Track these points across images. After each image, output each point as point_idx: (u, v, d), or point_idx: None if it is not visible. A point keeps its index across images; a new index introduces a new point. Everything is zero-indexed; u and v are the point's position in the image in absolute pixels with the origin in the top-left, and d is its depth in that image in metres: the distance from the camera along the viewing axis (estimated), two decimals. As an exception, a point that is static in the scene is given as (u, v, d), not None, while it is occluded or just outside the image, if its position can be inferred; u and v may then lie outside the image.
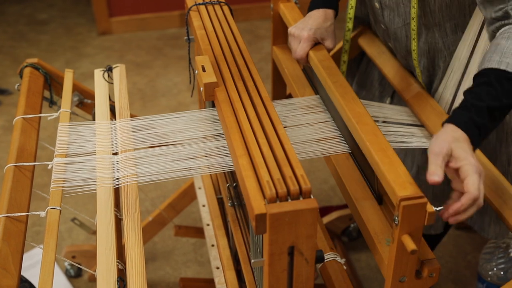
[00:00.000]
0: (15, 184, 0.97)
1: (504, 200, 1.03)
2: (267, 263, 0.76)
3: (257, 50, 2.97)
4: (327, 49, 1.18)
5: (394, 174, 0.82)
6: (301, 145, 1.03)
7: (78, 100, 1.32)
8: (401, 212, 0.77)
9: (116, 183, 0.98)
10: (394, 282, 0.84)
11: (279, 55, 1.37)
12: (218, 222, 1.28)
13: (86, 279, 1.76)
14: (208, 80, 0.97)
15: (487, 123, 0.90)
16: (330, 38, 1.20)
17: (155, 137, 1.04)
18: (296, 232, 0.73)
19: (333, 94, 1.04)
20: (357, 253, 1.83)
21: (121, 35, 3.16)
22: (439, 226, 1.39)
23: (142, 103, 2.58)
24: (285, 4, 1.31)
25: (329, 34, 1.20)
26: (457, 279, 1.76)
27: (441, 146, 0.86)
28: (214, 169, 0.96)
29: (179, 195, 1.63)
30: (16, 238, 0.89)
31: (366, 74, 1.47)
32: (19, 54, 2.97)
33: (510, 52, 0.90)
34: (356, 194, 0.97)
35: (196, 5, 1.24)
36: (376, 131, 0.92)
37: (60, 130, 1.08)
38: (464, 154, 0.85)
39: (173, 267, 1.81)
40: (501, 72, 0.90)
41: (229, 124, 0.89)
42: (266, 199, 0.73)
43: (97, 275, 0.85)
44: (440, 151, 0.85)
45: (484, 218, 1.35)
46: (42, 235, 1.84)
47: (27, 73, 1.24)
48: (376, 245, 0.89)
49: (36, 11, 3.40)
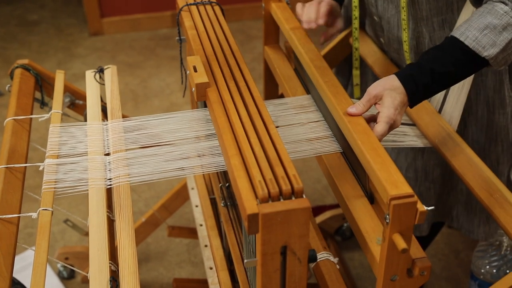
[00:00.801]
0: (6, 186, 0.97)
1: (496, 198, 1.03)
2: (260, 263, 0.76)
3: (249, 50, 2.97)
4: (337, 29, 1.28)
5: (386, 173, 0.82)
6: (293, 144, 1.03)
7: (69, 101, 1.31)
8: (391, 211, 0.77)
9: (108, 183, 0.97)
10: (385, 281, 0.84)
11: (271, 55, 1.37)
12: (211, 222, 1.28)
13: (79, 280, 1.75)
14: (200, 80, 0.97)
15: (430, 83, 0.96)
16: (340, 17, 1.28)
17: (147, 137, 1.04)
18: (289, 231, 0.73)
19: (324, 93, 1.04)
20: (350, 252, 1.83)
21: (112, 35, 3.15)
22: (424, 229, 1.40)
23: (135, 104, 2.57)
24: (277, 4, 1.31)
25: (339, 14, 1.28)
26: (450, 277, 1.76)
27: (376, 88, 0.96)
28: (207, 169, 0.96)
29: (172, 196, 1.63)
30: (7, 240, 0.89)
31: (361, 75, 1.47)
32: (10, 55, 2.96)
33: (475, 27, 0.96)
34: (347, 193, 0.97)
35: (187, 5, 1.23)
36: (368, 130, 0.92)
37: (51, 131, 1.07)
38: (388, 102, 0.95)
39: (167, 268, 1.80)
40: (459, 42, 0.96)
41: (221, 124, 0.89)
42: (258, 199, 0.73)
43: (89, 276, 0.85)
44: (372, 91, 0.96)
45: (473, 220, 1.35)
46: (34, 237, 1.83)
47: (18, 74, 1.24)
48: (368, 244, 0.89)
49: (27, 12, 3.39)
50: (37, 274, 0.84)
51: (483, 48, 0.96)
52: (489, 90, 1.20)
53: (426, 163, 1.30)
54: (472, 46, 0.96)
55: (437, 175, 1.31)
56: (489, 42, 0.95)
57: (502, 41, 0.95)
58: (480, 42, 0.95)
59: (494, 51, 0.96)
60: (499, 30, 0.95)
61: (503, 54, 0.97)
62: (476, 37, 0.96)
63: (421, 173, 1.31)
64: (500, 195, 1.03)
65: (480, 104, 1.22)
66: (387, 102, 0.95)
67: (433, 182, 1.32)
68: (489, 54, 0.96)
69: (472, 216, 1.35)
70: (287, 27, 1.23)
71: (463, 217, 1.36)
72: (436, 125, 1.16)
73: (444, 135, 1.15)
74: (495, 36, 0.95)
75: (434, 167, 1.30)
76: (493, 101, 1.21)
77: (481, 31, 0.95)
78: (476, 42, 0.96)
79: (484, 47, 0.96)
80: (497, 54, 0.96)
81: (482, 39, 0.95)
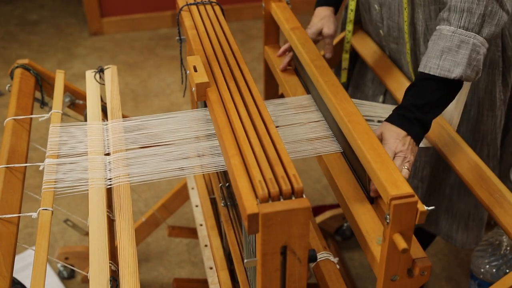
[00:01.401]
0: (6, 186, 0.97)
1: (496, 198, 1.03)
2: (260, 263, 0.76)
3: (249, 50, 2.97)
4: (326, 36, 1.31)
5: (386, 173, 0.82)
6: (293, 144, 1.03)
7: (69, 101, 1.31)
8: (392, 211, 0.77)
9: (108, 183, 0.97)
10: (386, 280, 0.84)
11: (271, 55, 1.37)
12: (211, 222, 1.28)
13: (79, 280, 1.75)
14: (200, 80, 0.97)
15: (420, 116, 1.00)
16: (326, 25, 1.31)
17: (147, 137, 1.04)
18: (289, 231, 0.73)
19: (325, 93, 1.04)
20: (350, 252, 1.83)
21: (112, 35, 3.15)
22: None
23: (135, 104, 2.57)
24: (277, 4, 1.31)
25: (325, 22, 1.31)
26: (449, 277, 1.76)
27: (376, 131, 1.01)
28: (207, 169, 0.96)
29: (172, 196, 1.63)
30: (7, 240, 0.89)
31: (360, 75, 1.47)
32: (10, 55, 2.96)
33: (433, 56, 1.00)
34: (347, 193, 0.97)
35: (187, 5, 1.23)
36: (368, 130, 0.92)
37: (51, 131, 1.07)
38: (386, 136, 1.00)
39: (167, 268, 1.80)
40: (426, 74, 1.01)
41: (221, 124, 0.89)
42: (259, 199, 0.73)
43: (89, 276, 0.85)
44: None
45: (451, 226, 1.35)
46: (34, 236, 1.83)
47: (18, 74, 1.24)
48: (368, 244, 0.89)
49: (27, 12, 3.39)
50: (37, 274, 0.84)
51: (448, 71, 0.99)
52: (481, 91, 1.20)
53: (417, 159, 1.30)
54: (439, 73, 1.00)
55: (426, 173, 1.31)
56: (452, 64, 0.99)
57: (462, 58, 0.99)
58: (443, 67, 0.99)
59: (460, 70, 0.99)
60: (455, 50, 0.99)
61: (470, 68, 1.00)
62: (438, 64, 1.00)
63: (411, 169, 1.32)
64: (500, 195, 1.03)
65: (474, 105, 1.22)
66: (386, 136, 1.00)
67: (422, 181, 1.32)
68: (457, 74, 0.99)
69: (451, 221, 1.34)
70: (287, 27, 1.23)
71: (443, 221, 1.36)
72: (436, 125, 1.16)
73: (444, 135, 1.15)
74: (454, 57, 0.99)
75: (425, 164, 1.30)
76: (483, 102, 1.21)
77: (440, 58, 1.00)
78: (440, 68, 1.00)
79: (449, 70, 0.99)
80: (464, 70, 0.99)
81: (444, 64, 0.99)
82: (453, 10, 0.99)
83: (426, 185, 1.33)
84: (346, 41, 1.37)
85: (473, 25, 0.98)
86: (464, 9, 0.98)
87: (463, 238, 1.35)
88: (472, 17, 0.98)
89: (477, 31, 0.99)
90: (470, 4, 0.98)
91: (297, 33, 1.21)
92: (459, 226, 1.34)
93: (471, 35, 0.99)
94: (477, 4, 0.97)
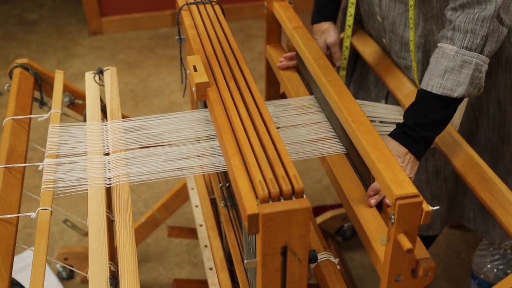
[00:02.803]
0: (5, 186, 0.96)
1: (497, 199, 1.03)
2: (260, 264, 0.75)
3: (249, 50, 2.97)
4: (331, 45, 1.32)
5: (391, 173, 0.82)
6: (296, 145, 1.02)
7: (69, 101, 1.31)
8: (397, 211, 0.77)
9: (107, 183, 0.97)
10: (390, 281, 0.84)
11: (272, 54, 1.36)
12: (211, 222, 1.28)
13: (78, 281, 1.75)
14: (200, 80, 0.96)
15: (425, 135, 1.02)
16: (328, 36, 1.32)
17: (147, 137, 1.04)
18: (289, 232, 0.73)
19: (328, 93, 1.04)
20: (351, 252, 1.83)
21: (112, 34, 3.14)
22: (437, 227, 1.39)
23: (134, 103, 2.57)
24: (279, 3, 1.31)
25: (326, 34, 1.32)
26: (451, 277, 1.76)
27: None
28: (207, 169, 0.96)
29: (172, 196, 1.63)
30: (6, 240, 0.88)
31: (362, 76, 1.47)
32: (8, 54, 2.95)
33: (436, 74, 1.02)
34: (351, 194, 0.97)
35: (187, 4, 1.23)
36: (372, 130, 0.92)
37: (50, 131, 1.07)
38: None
39: (166, 268, 1.80)
40: (428, 92, 1.03)
41: (221, 124, 0.88)
42: (259, 199, 0.73)
43: (89, 276, 0.84)
44: None
45: (487, 221, 1.35)
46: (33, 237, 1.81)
47: (17, 74, 1.23)
48: (372, 245, 0.88)
49: (26, 11, 3.38)
50: (36, 274, 0.84)
51: (451, 90, 1.01)
52: (500, 88, 1.20)
53: (437, 163, 1.31)
54: (441, 92, 1.02)
55: (449, 173, 1.31)
56: (454, 84, 1.01)
57: (465, 78, 1.01)
58: (446, 86, 1.01)
59: (462, 89, 1.01)
60: (458, 70, 1.01)
61: (472, 87, 1.02)
62: (440, 83, 1.01)
63: (432, 173, 1.32)
64: (501, 195, 1.03)
65: (492, 103, 1.22)
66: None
67: (445, 181, 1.32)
68: (459, 93, 1.01)
69: (487, 217, 1.34)
70: (290, 26, 1.23)
71: (479, 218, 1.36)
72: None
73: (445, 135, 1.15)
74: (457, 76, 1.01)
75: (445, 165, 1.30)
76: (505, 100, 1.21)
77: (442, 77, 1.01)
78: (443, 88, 1.01)
79: (451, 89, 1.01)
80: (467, 89, 1.01)
81: (447, 84, 1.01)
82: (457, 30, 1.01)
83: (450, 184, 1.33)
84: (344, 58, 1.37)
85: (476, 46, 1.00)
86: (468, 30, 1.00)
87: (501, 232, 1.34)
88: (475, 38, 1.00)
89: (480, 51, 1.01)
90: (474, 26, 0.99)
91: (299, 32, 1.20)
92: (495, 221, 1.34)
93: (474, 55, 1.01)
94: (481, 26, 0.99)
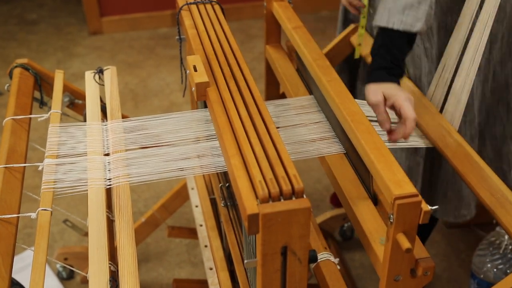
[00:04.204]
0: (5, 186, 0.96)
1: (497, 198, 1.03)
2: (260, 264, 0.75)
3: (249, 50, 2.97)
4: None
5: (390, 173, 0.82)
6: (295, 145, 1.02)
7: (69, 101, 1.31)
8: (396, 211, 0.77)
9: (107, 183, 0.97)
10: (389, 281, 0.84)
11: (272, 54, 1.36)
12: (211, 222, 1.28)
13: (78, 281, 1.74)
14: (200, 80, 0.96)
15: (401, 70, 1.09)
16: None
17: (147, 138, 1.03)
18: (289, 232, 0.73)
19: (327, 92, 1.04)
20: (351, 252, 1.83)
21: (112, 34, 3.14)
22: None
23: (134, 103, 2.57)
24: (279, 3, 1.31)
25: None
26: (451, 277, 1.76)
27: (375, 95, 1.04)
28: (207, 170, 0.96)
29: (172, 196, 1.63)
30: (6, 240, 0.88)
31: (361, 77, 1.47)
32: (8, 54, 2.95)
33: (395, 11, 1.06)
34: (350, 194, 0.97)
35: (187, 4, 1.23)
36: (371, 130, 0.92)
37: (50, 131, 1.07)
38: (391, 91, 1.04)
39: (166, 268, 1.80)
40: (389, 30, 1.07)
41: (221, 124, 0.88)
42: (259, 199, 0.73)
43: (89, 276, 0.84)
44: (376, 99, 1.04)
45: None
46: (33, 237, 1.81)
47: (17, 74, 1.23)
48: (371, 245, 0.88)
49: (26, 11, 3.38)
50: (36, 274, 0.84)
51: (411, 25, 1.06)
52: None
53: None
54: (402, 28, 1.06)
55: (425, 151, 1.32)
56: (414, 19, 1.06)
57: (423, 13, 1.06)
58: (406, 22, 1.06)
59: (420, 24, 1.06)
60: (416, 6, 1.05)
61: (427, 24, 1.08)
62: (401, 20, 1.06)
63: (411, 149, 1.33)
64: (501, 195, 1.03)
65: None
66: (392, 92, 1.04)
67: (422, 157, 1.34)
68: (418, 28, 1.06)
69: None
70: (289, 26, 1.23)
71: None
72: (437, 125, 1.15)
73: (445, 135, 1.14)
74: (416, 12, 1.05)
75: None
76: None
77: (402, 13, 1.06)
78: (403, 24, 1.06)
79: (411, 24, 1.06)
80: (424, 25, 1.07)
81: (407, 19, 1.06)
82: None
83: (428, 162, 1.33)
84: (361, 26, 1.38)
85: None
86: None
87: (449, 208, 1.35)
88: None
89: None
90: None
91: (299, 32, 1.20)
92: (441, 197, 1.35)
93: None
94: None
